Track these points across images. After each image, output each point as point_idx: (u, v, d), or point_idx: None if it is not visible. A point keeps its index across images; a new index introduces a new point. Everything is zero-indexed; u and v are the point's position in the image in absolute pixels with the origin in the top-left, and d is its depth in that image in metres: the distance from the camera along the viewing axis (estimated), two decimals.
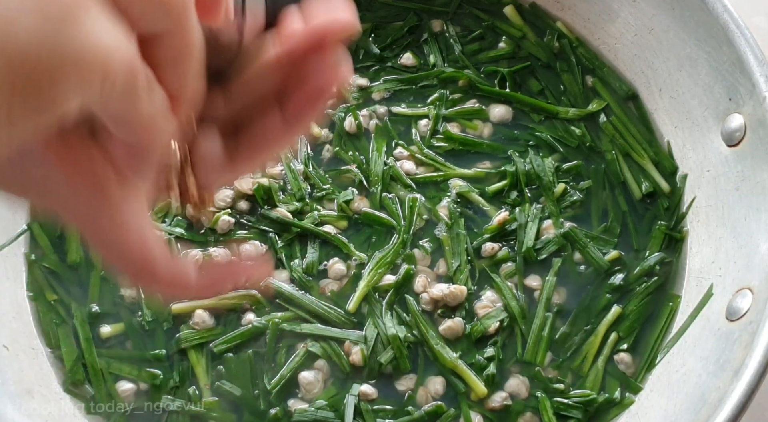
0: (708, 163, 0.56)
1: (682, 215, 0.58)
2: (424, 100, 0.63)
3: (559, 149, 0.61)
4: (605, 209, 0.59)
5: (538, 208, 0.58)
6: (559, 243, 0.57)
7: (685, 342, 0.53)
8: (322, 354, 0.54)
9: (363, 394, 0.52)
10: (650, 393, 0.52)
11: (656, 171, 0.60)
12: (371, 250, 0.57)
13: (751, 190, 0.52)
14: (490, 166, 0.60)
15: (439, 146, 0.61)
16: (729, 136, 0.54)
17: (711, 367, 0.48)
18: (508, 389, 0.53)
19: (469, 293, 0.55)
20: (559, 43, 0.65)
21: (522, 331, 0.54)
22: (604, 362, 0.54)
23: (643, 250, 0.57)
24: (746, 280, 0.49)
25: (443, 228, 0.58)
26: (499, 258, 0.57)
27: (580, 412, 0.52)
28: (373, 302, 0.55)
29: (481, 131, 0.62)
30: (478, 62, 0.65)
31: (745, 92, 0.52)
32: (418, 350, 0.54)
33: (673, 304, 0.55)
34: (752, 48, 0.52)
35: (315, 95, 0.26)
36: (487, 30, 0.66)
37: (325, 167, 0.60)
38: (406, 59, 0.65)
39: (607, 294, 0.56)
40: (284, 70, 0.26)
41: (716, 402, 0.44)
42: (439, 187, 0.60)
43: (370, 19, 0.67)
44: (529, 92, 0.64)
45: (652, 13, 0.60)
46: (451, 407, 0.52)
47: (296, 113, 0.27)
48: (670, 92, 0.60)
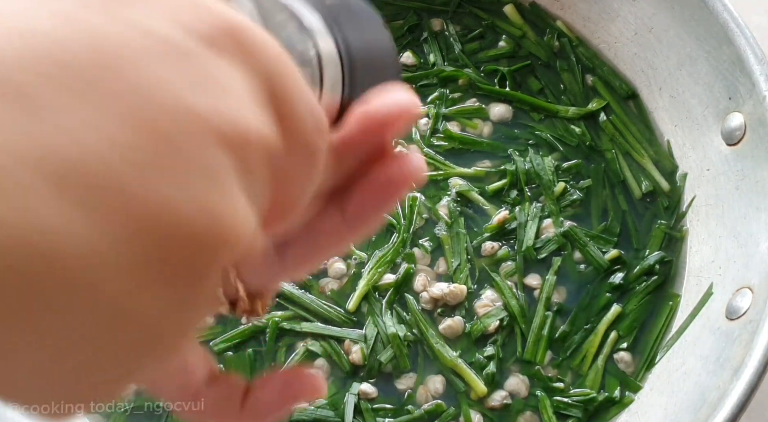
0: (708, 162, 0.56)
1: (681, 214, 0.58)
2: (424, 99, 0.63)
3: (559, 148, 0.61)
4: (605, 208, 0.59)
5: (538, 207, 0.58)
6: (558, 242, 0.57)
7: (684, 341, 0.53)
8: (322, 352, 0.54)
9: (363, 393, 0.52)
10: (650, 392, 0.52)
11: (656, 170, 0.60)
12: (371, 249, 0.57)
13: (751, 189, 0.52)
14: (490, 165, 0.60)
15: (439, 145, 0.61)
16: (729, 135, 0.54)
17: (711, 366, 0.48)
18: (507, 388, 0.53)
19: (469, 292, 0.55)
20: (559, 42, 0.65)
21: (522, 330, 0.54)
22: (603, 361, 0.54)
23: (643, 249, 0.57)
24: (746, 279, 0.49)
25: (443, 227, 0.58)
26: (498, 257, 0.57)
27: (579, 411, 0.52)
28: (373, 301, 0.55)
29: (480, 130, 0.62)
30: (478, 61, 0.65)
31: (745, 91, 0.52)
32: (417, 349, 0.54)
33: (672, 303, 0.55)
34: (752, 47, 0.52)
35: (381, 192, 0.22)
36: (487, 29, 0.66)
37: None
38: (406, 58, 0.65)
39: (607, 293, 0.56)
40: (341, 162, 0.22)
41: (716, 400, 0.44)
42: (438, 186, 0.60)
43: None
44: (529, 91, 0.64)
45: (652, 12, 0.60)
46: (450, 406, 0.52)
47: (359, 212, 0.23)
48: (670, 91, 0.60)
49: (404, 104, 0.21)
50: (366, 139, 0.22)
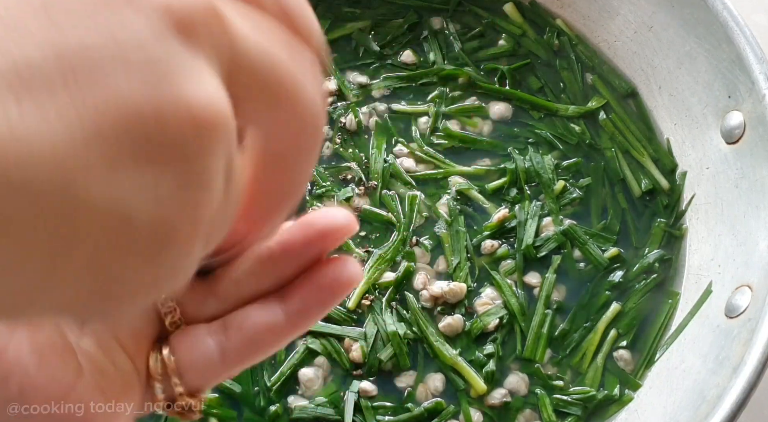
0: (707, 160, 0.56)
1: (681, 212, 0.58)
2: (424, 98, 0.63)
3: (559, 147, 0.61)
4: (605, 206, 0.59)
5: (538, 205, 0.58)
6: (558, 240, 0.57)
7: (684, 339, 0.53)
8: (322, 350, 0.54)
9: (363, 391, 0.52)
10: (649, 390, 0.52)
11: (656, 168, 0.60)
12: (372, 247, 0.57)
13: (751, 187, 0.52)
14: (490, 163, 0.61)
15: (439, 144, 0.61)
16: (728, 133, 0.54)
17: (710, 364, 0.48)
18: (507, 386, 0.53)
19: (469, 290, 0.55)
20: (558, 41, 0.65)
21: (521, 328, 0.54)
22: (603, 359, 0.54)
23: (643, 247, 0.57)
24: (745, 277, 0.49)
25: (443, 225, 0.58)
26: (498, 255, 0.57)
27: (579, 409, 0.52)
28: (373, 300, 0.55)
29: (480, 129, 0.62)
30: (478, 60, 0.65)
31: (745, 90, 0.52)
32: (417, 347, 0.54)
33: (672, 301, 0.55)
34: (752, 46, 0.52)
35: (325, 293, 0.24)
36: (486, 27, 0.66)
37: (325, 164, 0.60)
38: (406, 57, 0.65)
39: (607, 291, 0.56)
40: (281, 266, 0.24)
41: (715, 399, 0.44)
42: (438, 184, 0.60)
43: (370, 16, 0.67)
44: (528, 90, 0.64)
45: (651, 11, 0.60)
46: (450, 404, 0.52)
47: (302, 311, 0.24)
48: (670, 90, 0.60)
49: (344, 222, 0.24)
50: (306, 249, 0.24)
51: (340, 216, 0.24)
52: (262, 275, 0.24)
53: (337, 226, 0.24)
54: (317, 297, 0.24)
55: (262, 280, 0.24)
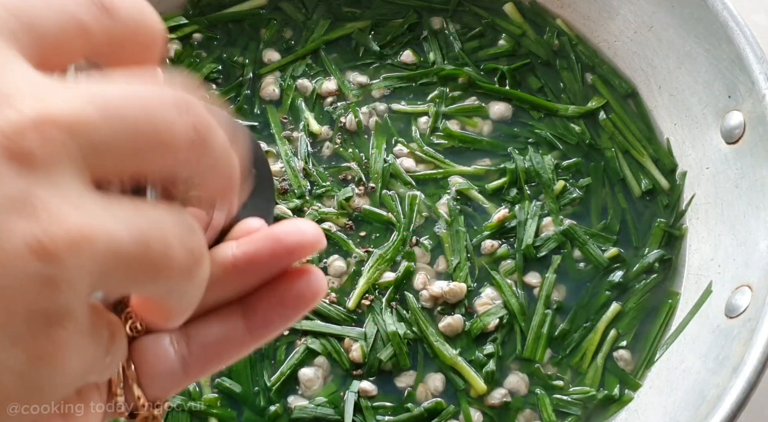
0: (707, 160, 0.56)
1: (681, 212, 0.58)
2: (424, 98, 0.63)
3: (559, 147, 0.61)
4: (605, 206, 0.59)
5: (538, 205, 0.58)
6: (558, 240, 0.57)
7: (684, 339, 0.53)
8: (322, 350, 0.54)
9: (363, 391, 0.52)
10: (649, 390, 0.52)
11: (656, 168, 0.60)
12: (371, 247, 0.57)
13: (751, 187, 0.52)
14: (490, 163, 0.61)
15: (439, 144, 0.61)
16: (728, 133, 0.54)
17: (710, 364, 0.48)
18: (507, 386, 0.53)
19: (469, 290, 0.55)
20: (558, 41, 0.65)
21: (521, 328, 0.54)
22: (603, 359, 0.54)
23: (643, 247, 0.57)
24: (745, 277, 0.49)
25: (443, 225, 0.58)
26: (498, 255, 0.57)
27: (579, 409, 0.52)
28: (373, 300, 0.55)
29: (480, 129, 0.62)
30: (478, 60, 0.65)
31: (745, 90, 0.52)
32: (417, 347, 0.54)
33: (672, 301, 0.55)
34: (752, 45, 0.52)
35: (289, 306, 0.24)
36: (486, 27, 0.66)
37: (325, 164, 0.60)
38: (406, 57, 0.65)
39: (607, 291, 0.56)
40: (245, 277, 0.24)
41: (715, 398, 0.44)
42: (438, 184, 0.60)
43: (370, 16, 0.67)
44: (528, 90, 0.64)
45: (651, 11, 0.60)
46: (450, 404, 0.52)
47: (265, 323, 0.24)
48: (670, 90, 0.60)
49: (312, 238, 0.23)
50: (272, 263, 0.24)
51: (309, 232, 0.23)
52: (226, 284, 0.24)
53: (305, 242, 0.23)
54: (280, 312, 0.24)
55: (225, 289, 0.24)
